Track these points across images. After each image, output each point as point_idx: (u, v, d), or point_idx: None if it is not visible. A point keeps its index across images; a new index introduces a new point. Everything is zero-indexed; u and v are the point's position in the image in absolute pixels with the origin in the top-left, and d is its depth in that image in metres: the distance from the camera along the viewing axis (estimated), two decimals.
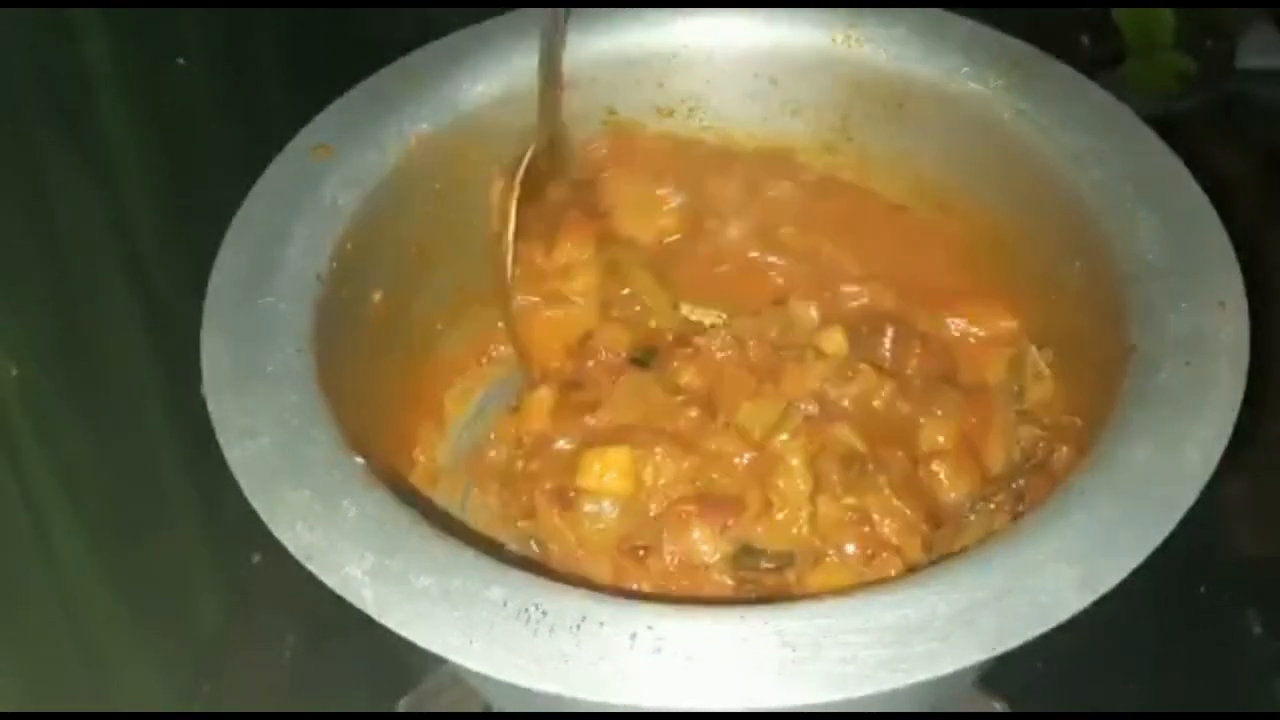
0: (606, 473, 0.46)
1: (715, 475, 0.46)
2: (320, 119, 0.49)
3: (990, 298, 0.52)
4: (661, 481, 0.46)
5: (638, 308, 0.53)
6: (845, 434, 0.46)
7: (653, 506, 0.46)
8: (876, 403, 0.48)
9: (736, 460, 0.46)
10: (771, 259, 0.55)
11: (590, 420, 0.49)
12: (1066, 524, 0.37)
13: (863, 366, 0.48)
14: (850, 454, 0.46)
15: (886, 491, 0.45)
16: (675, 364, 0.50)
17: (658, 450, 0.46)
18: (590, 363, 0.51)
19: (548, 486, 0.47)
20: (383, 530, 0.37)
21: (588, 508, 0.46)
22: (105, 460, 0.55)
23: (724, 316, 0.54)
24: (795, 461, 0.45)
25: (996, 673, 0.42)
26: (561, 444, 0.48)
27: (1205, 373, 0.40)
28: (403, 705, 0.55)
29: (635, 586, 0.45)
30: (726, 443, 0.47)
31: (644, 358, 0.51)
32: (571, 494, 0.46)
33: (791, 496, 0.45)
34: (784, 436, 0.46)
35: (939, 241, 0.53)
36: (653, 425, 0.48)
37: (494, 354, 0.55)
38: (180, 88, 0.59)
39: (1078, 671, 0.55)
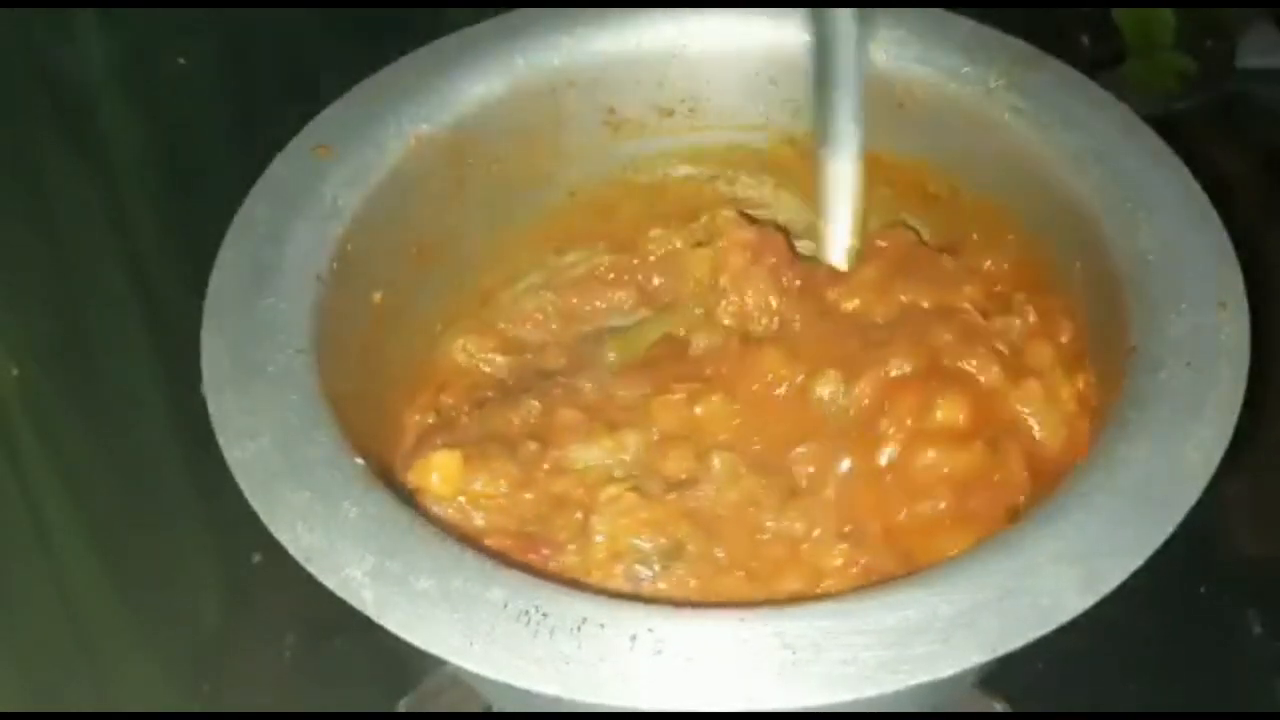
0: (432, 473, 0.45)
1: (547, 513, 0.45)
2: (320, 119, 0.49)
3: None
4: (494, 500, 0.45)
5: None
6: (676, 525, 0.44)
7: (479, 519, 0.45)
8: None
9: (567, 501, 0.45)
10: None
11: (466, 421, 0.48)
12: (1066, 524, 0.36)
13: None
14: (673, 547, 0.43)
15: (693, 583, 0.43)
16: (530, 388, 0.49)
17: (494, 466, 0.45)
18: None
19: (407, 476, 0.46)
20: (383, 531, 0.37)
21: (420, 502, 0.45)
22: (105, 460, 0.55)
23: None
24: (599, 535, 0.43)
25: (997, 673, 0.42)
26: (439, 441, 0.48)
27: (1206, 373, 0.40)
28: (403, 705, 0.55)
29: None
30: (556, 481, 0.46)
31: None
32: (409, 490, 0.45)
33: (596, 561, 0.43)
34: (604, 493, 0.44)
35: None
36: (504, 443, 0.47)
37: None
38: (180, 88, 0.59)
39: (1078, 671, 0.56)
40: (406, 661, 0.55)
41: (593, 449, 0.46)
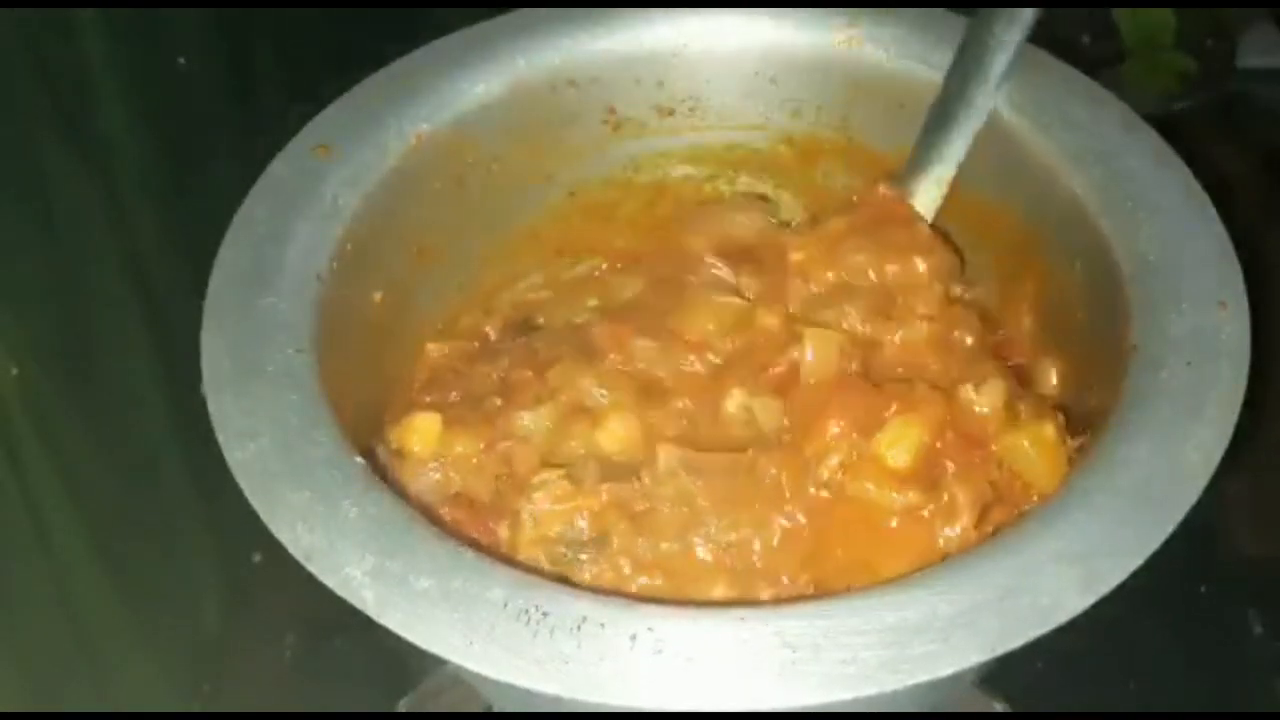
0: (412, 434, 0.45)
1: (504, 475, 0.45)
2: (320, 119, 0.49)
3: None
4: (470, 460, 0.46)
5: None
6: (604, 515, 0.43)
7: (455, 478, 0.45)
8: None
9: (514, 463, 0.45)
10: None
11: (451, 378, 0.49)
12: (1067, 524, 0.37)
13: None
14: (599, 537, 0.43)
15: (609, 576, 0.43)
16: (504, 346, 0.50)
17: (471, 429, 0.46)
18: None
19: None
20: (383, 531, 0.37)
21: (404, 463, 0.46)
22: (105, 460, 0.55)
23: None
24: (528, 517, 0.43)
25: (996, 673, 0.42)
26: (426, 399, 0.49)
27: (1206, 373, 0.40)
28: (403, 705, 0.55)
29: None
30: (504, 442, 0.46)
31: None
32: (395, 448, 0.46)
33: (524, 541, 0.43)
34: (537, 477, 0.44)
35: None
36: (477, 402, 0.47)
37: None
38: (180, 88, 0.59)
39: (1078, 671, 0.56)
40: (406, 661, 0.55)
41: (538, 411, 0.46)
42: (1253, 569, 0.62)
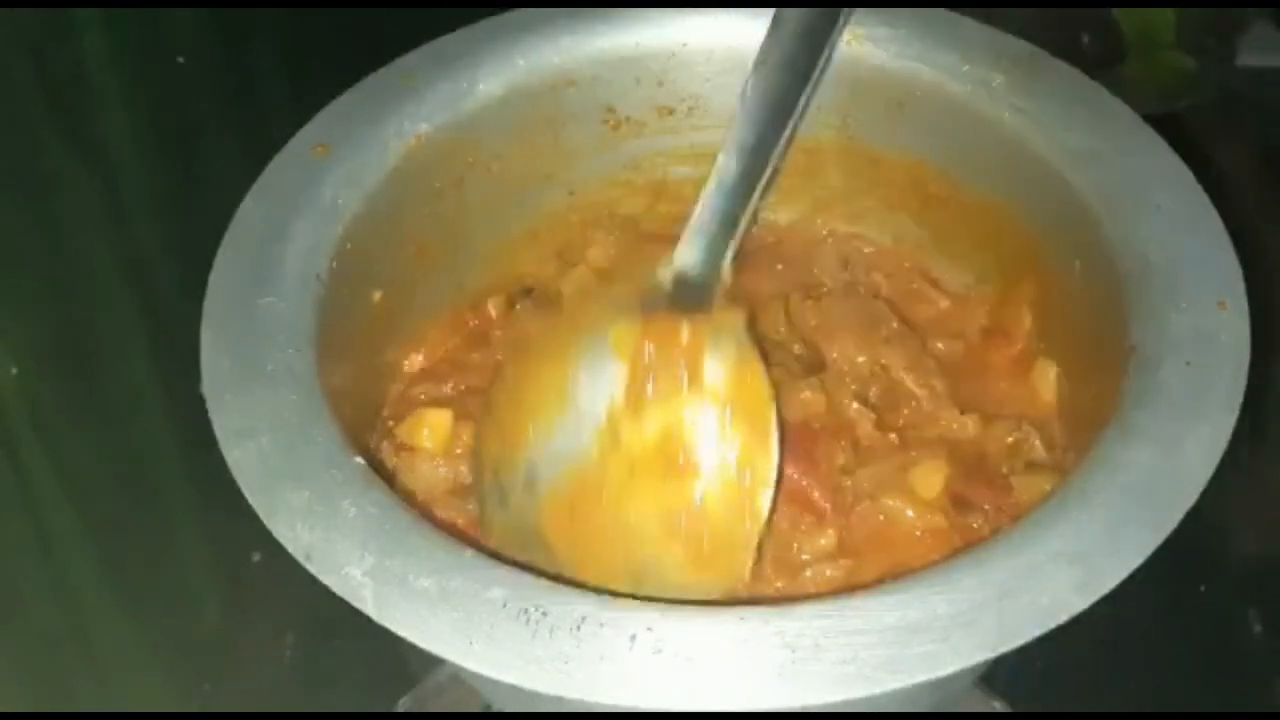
0: (422, 430, 0.46)
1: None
2: (320, 119, 0.49)
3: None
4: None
5: None
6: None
7: (464, 471, 0.46)
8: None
9: None
10: None
11: (445, 368, 0.50)
12: (1066, 524, 0.36)
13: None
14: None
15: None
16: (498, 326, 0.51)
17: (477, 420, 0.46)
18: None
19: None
20: (382, 530, 0.37)
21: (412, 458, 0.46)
22: (105, 460, 0.55)
23: None
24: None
25: (996, 673, 0.42)
26: (421, 393, 0.49)
27: (1206, 372, 0.40)
28: (403, 705, 0.55)
29: None
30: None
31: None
32: (397, 445, 0.47)
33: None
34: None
35: None
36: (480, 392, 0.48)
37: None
38: (180, 88, 0.59)
39: (1078, 671, 0.56)
40: (406, 661, 0.55)
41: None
42: (1253, 569, 0.62)
